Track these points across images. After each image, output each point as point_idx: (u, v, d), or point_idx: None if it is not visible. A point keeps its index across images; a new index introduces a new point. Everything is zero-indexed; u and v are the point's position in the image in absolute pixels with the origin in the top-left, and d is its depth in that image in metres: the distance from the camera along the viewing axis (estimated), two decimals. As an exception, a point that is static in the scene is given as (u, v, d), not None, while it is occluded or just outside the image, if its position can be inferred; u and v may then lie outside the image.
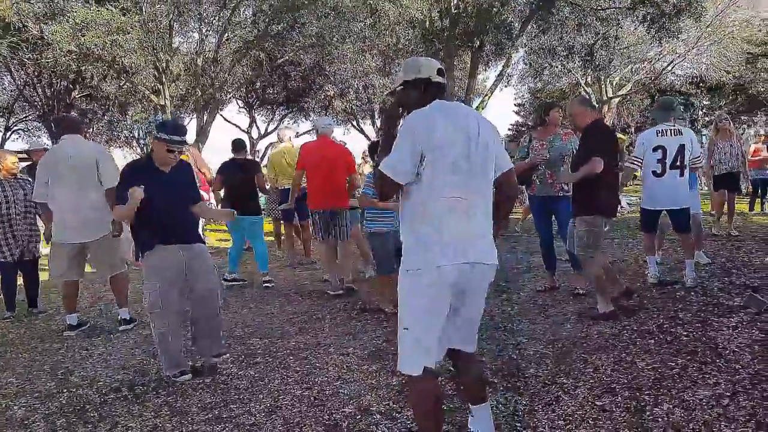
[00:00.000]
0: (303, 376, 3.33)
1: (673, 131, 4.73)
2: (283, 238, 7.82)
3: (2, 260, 5.04)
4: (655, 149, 4.71)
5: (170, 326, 3.33)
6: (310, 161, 5.30)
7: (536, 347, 3.57)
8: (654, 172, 4.74)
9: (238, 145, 6.17)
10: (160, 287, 3.30)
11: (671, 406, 2.66)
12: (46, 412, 3.10)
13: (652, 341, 3.55)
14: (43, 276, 5.47)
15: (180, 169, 3.47)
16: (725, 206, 7.32)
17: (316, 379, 3.27)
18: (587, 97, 4.96)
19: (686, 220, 4.86)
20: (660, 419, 2.55)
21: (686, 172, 4.70)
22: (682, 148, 4.65)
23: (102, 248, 4.50)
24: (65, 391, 3.39)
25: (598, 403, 2.75)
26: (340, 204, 5.21)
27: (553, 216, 4.95)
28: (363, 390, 3.07)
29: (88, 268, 4.85)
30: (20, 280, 5.46)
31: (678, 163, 4.66)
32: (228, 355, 3.60)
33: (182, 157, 5.73)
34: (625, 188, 6.30)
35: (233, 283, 5.94)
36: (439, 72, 2.20)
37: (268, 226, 9.95)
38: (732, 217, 7.36)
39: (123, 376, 3.55)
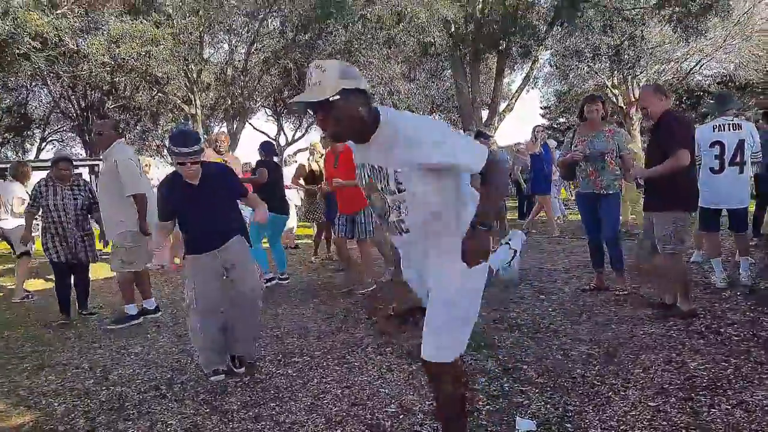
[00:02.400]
0: (342, 376, 3.28)
1: (731, 126, 4.51)
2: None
3: (55, 260, 5.13)
4: (712, 145, 4.51)
5: (205, 325, 3.33)
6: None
7: (581, 348, 3.45)
8: (711, 169, 4.53)
9: (271, 150, 6.36)
10: (196, 287, 3.32)
11: (729, 407, 2.54)
12: (86, 409, 3.12)
13: (702, 341, 3.41)
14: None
15: (212, 175, 3.37)
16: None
17: (356, 379, 3.21)
18: (658, 84, 4.77)
19: (745, 218, 4.66)
20: (719, 420, 2.43)
21: (746, 168, 4.48)
22: (741, 144, 4.43)
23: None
24: (104, 389, 3.40)
25: (651, 404, 2.63)
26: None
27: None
28: (404, 389, 3.00)
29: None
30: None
31: (738, 160, 4.44)
32: (243, 369, 3.50)
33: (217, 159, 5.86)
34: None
35: (270, 283, 5.99)
36: None
37: (307, 230, 10.06)
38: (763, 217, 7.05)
39: (161, 375, 3.55)
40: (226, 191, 3.44)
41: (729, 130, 4.49)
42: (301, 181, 7.28)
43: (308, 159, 7.57)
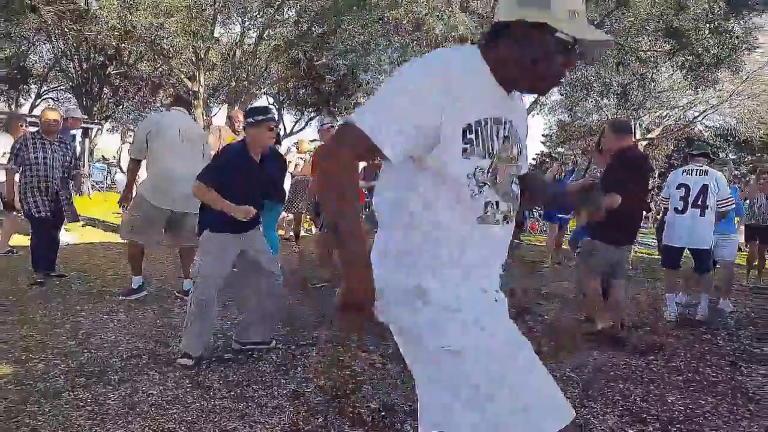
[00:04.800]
0: (326, 368, 3.29)
1: (698, 171, 4.86)
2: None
3: (37, 216, 5.00)
4: (678, 187, 4.88)
5: (207, 300, 3.27)
6: None
7: (562, 369, 3.50)
8: (676, 209, 4.87)
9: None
10: (212, 259, 3.27)
11: (704, 443, 2.61)
12: (66, 369, 3.09)
13: (680, 378, 3.50)
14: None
15: (269, 157, 3.48)
16: (756, 259, 7.29)
17: (340, 373, 3.22)
18: (620, 120, 5.15)
19: (706, 261, 4.94)
20: (694, 455, 2.49)
21: (708, 212, 4.74)
22: (705, 188, 4.75)
23: (189, 220, 4.57)
24: (85, 351, 3.37)
25: (629, 430, 2.69)
26: None
27: None
28: (388, 389, 3.02)
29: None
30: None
31: (699, 202, 4.75)
32: (274, 342, 3.60)
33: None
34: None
35: None
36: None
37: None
38: (762, 270, 7.29)
39: (144, 345, 3.53)
40: (272, 178, 3.57)
41: (695, 174, 4.85)
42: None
43: (294, 156, 7.68)
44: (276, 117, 3.46)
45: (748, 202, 7.17)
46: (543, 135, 34.50)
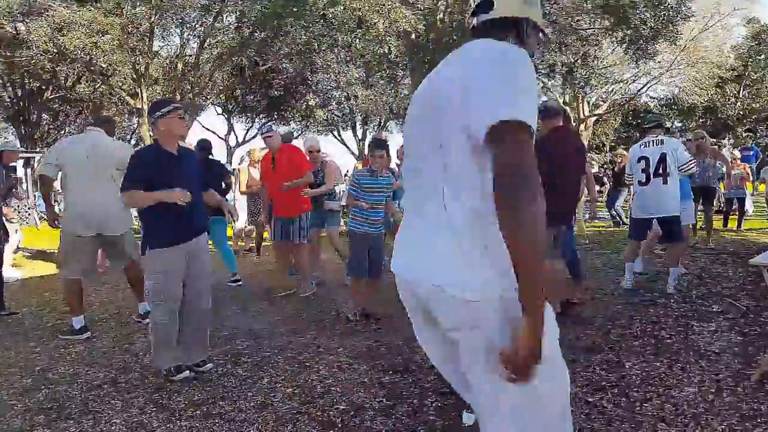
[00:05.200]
0: (293, 375, 3.29)
1: (655, 142, 4.97)
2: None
3: None
4: (639, 160, 4.97)
5: (171, 318, 3.22)
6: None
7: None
8: (639, 182, 4.98)
9: (208, 147, 6.05)
10: (164, 278, 3.17)
11: (660, 402, 2.74)
12: (24, 408, 2.99)
13: (637, 343, 3.63)
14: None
15: (189, 154, 3.39)
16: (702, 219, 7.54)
17: (307, 378, 3.22)
18: (546, 104, 5.12)
19: (676, 229, 4.96)
20: (650, 414, 2.61)
21: (671, 179, 4.83)
22: (663, 157, 4.84)
23: (122, 241, 4.36)
24: (43, 387, 3.27)
25: (589, 399, 2.79)
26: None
27: None
28: (356, 387, 3.04)
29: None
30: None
31: (660, 171, 4.84)
32: (211, 364, 3.47)
33: None
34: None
35: (236, 284, 5.95)
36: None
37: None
38: (710, 232, 7.58)
39: (105, 374, 3.44)
40: (201, 171, 3.42)
41: (653, 146, 4.95)
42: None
43: (246, 165, 7.61)
44: (178, 105, 3.30)
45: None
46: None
